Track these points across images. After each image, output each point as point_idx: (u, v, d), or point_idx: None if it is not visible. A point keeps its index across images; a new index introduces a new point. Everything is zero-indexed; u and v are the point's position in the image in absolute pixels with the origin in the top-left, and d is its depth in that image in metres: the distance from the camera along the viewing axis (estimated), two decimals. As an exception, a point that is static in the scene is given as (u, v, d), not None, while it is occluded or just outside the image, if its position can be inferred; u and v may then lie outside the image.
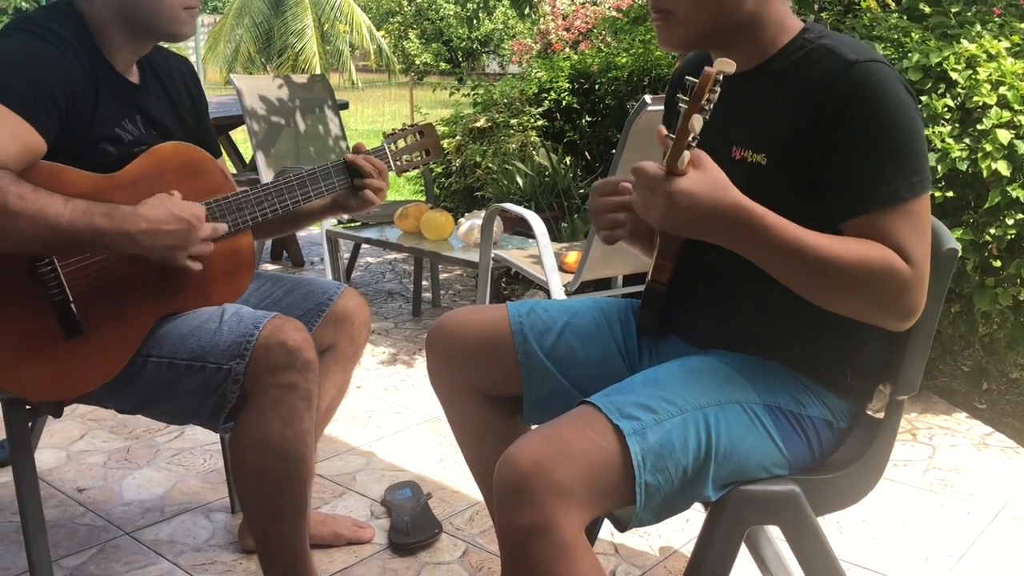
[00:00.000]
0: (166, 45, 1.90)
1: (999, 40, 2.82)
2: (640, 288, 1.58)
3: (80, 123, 1.64)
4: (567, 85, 4.62)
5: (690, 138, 1.15)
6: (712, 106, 1.14)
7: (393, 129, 2.03)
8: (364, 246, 4.69)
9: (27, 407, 1.78)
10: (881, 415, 1.48)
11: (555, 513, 1.19)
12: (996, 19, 3.12)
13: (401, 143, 1.99)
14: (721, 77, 1.13)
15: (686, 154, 1.16)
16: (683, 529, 2.19)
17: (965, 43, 2.79)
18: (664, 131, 1.20)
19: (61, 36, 1.65)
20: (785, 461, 1.37)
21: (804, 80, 1.31)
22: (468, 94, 5.21)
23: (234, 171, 5.17)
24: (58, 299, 1.62)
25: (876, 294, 1.25)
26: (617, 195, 1.48)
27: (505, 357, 1.57)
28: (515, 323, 1.59)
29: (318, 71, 17.26)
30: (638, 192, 1.23)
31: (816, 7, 3.68)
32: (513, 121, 4.52)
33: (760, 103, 1.37)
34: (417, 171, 5.70)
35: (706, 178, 1.20)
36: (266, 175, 4.26)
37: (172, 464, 2.54)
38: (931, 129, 2.69)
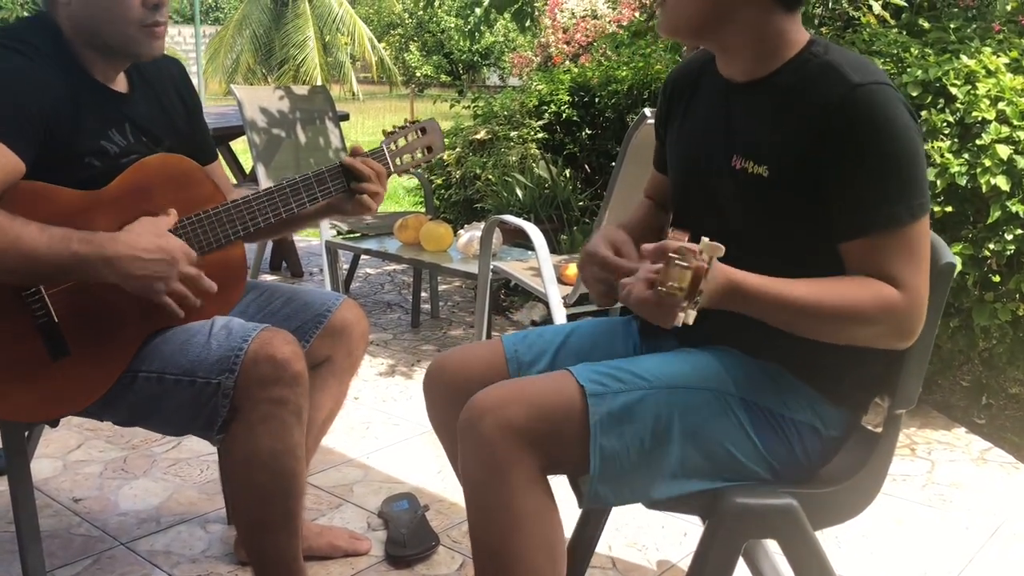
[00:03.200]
0: None
1: (998, 56, 2.83)
2: None
3: (61, 138, 1.60)
4: (567, 98, 4.63)
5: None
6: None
7: (393, 127, 1.96)
8: (363, 257, 4.69)
9: (23, 416, 1.78)
10: (879, 429, 1.47)
11: (510, 451, 1.24)
12: (996, 35, 3.12)
13: (401, 142, 1.93)
14: (712, 264, 1.14)
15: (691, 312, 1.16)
16: (680, 543, 2.19)
17: (964, 58, 2.80)
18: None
19: (37, 49, 1.61)
20: (762, 457, 1.37)
21: (808, 97, 1.32)
22: (468, 106, 5.22)
23: (234, 182, 5.17)
24: (43, 321, 1.60)
25: (871, 328, 1.29)
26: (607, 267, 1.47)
27: None
28: (510, 351, 1.59)
29: (319, 82, 17.29)
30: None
31: (816, 22, 3.69)
32: (513, 133, 4.53)
33: (762, 115, 1.38)
34: (417, 181, 5.70)
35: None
36: (266, 186, 4.26)
37: (169, 474, 2.53)
38: (930, 144, 2.69)
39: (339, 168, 1.82)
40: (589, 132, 4.60)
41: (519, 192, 4.22)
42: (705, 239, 1.14)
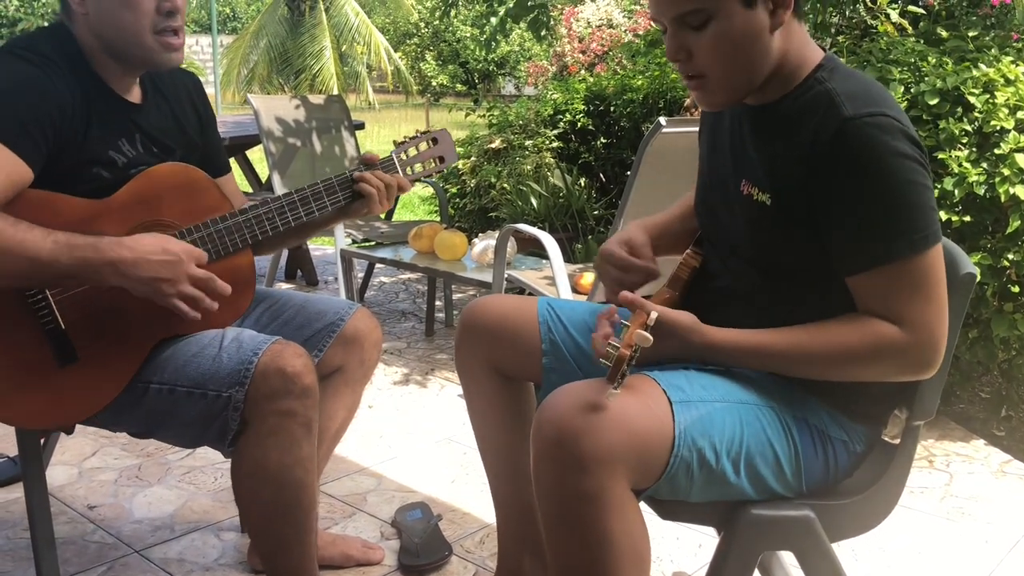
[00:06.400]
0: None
1: (1017, 65, 2.81)
2: None
3: (70, 147, 1.61)
4: (582, 107, 4.63)
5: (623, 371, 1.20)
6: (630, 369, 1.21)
7: (405, 137, 1.96)
8: (378, 266, 4.70)
9: (39, 423, 1.78)
10: (897, 441, 1.46)
11: (604, 475, 1.21)
12: (1015, 44, 3.10)
13: (412, 151, 1.93)
14: (638, 352, 1.20)
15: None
16: (696, 555, 2.17)
17: (983, 67, 2.78)
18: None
19: (50, 59, 1.61)
20: (799, 476, 1.36)
21: (804, 128, 1.30)
22: (484, 115, 5.23)
23: (250, 190, 5.19)
24: (49, 327, 1.60)
25: (875, 366, 1.29)
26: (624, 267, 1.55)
27: (530, 342, 1.63)
28: (542, 313, 1.64)
29: (335, 92, 17.36)
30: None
31: (833, 31, 3.68)
32: (528, 142, 4.54)
33: (769, 141, 1.37)
34: (431, 190, 5.71)
35: (663, 345, 1.30)
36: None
37: (183, 482, 2.54)
38: (948, 153, 2.68)
39: (348, 178, 1.83)
40: (604, 141, 4.59)
41: (534, 201, 4.22)
42: (639, 331, 1.19)
